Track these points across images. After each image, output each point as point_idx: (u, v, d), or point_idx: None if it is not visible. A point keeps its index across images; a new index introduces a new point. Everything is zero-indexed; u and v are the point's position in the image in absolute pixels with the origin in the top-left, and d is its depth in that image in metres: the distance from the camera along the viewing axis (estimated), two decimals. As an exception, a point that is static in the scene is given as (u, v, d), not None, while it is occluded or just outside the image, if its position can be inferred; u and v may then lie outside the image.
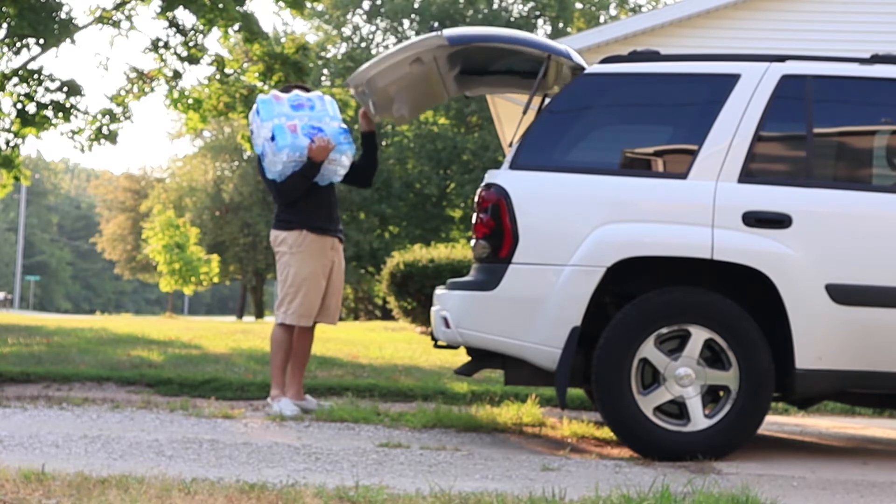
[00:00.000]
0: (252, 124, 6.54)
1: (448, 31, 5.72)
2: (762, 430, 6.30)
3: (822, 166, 5.52)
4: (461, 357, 6.43)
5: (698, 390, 5.24)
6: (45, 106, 17.42)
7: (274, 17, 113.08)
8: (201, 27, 17.46)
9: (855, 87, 5.63)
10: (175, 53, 17.73)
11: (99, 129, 17.58)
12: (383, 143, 38.69)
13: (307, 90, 6.66)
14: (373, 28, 40.19)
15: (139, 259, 46.93)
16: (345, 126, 6.53)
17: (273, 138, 6.32)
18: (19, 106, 17.39)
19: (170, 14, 17.47)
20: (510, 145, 5.82)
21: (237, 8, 16.96)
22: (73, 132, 17.58)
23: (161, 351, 10.07)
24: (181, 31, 17.66)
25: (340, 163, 6.47)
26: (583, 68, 5.73)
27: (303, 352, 6.63)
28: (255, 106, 6.54)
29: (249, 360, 9.38)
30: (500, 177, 5.46)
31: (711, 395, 5.39)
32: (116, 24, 17.58)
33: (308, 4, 18.31)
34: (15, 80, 17.20)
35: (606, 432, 6.05)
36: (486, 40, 6.05)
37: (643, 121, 5.93)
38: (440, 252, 17.36)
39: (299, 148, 6.31)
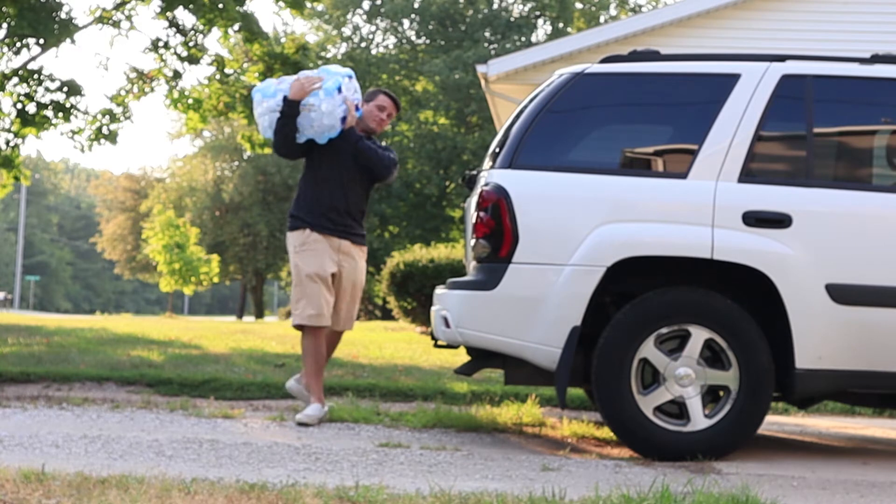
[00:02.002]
0: None
1: None
2: (762, 430, 6.30)
3: (822, 166, 5.52)
4: (461, 357, 6.43)
5: (698, 390, 5.24)
6: (45, 106, 17.41)
7: (274, 17, 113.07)
8: (201, 27, 17.45)
9: (855, 87, 5.64)
10: (175, 53, 17.72)
11: (99, 129, 17.57)
12: (383, 143, 38.66)
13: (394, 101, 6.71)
14: (373, 28, 40.18)
15: (139, 259, 46.96)
16: (339, 89, 6.28)
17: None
18: (19, 106, 17.38)
19: (170, 14, 17.46)
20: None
21: (237, 8, 16.96)
22: (73, 132, 17.57)
23: (161, 351, 10.07)
24: (181, 31, 17.65)
25: (317, 109, 6.21)
26: None
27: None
28: None
29: (249, 360, 9.38)
30: (500, 176, 5.45)
31: (711, 395, 5.40)
32: (116, 24, 17.57)
33: (308, 4, 18.30)
34: (15, 80, 17.19)
35: (606, 432, 6.05)
36: None
37: (643, 121, 5.92)
38: (440, 252, 17.35)
39: (271, 92, 6.29)
